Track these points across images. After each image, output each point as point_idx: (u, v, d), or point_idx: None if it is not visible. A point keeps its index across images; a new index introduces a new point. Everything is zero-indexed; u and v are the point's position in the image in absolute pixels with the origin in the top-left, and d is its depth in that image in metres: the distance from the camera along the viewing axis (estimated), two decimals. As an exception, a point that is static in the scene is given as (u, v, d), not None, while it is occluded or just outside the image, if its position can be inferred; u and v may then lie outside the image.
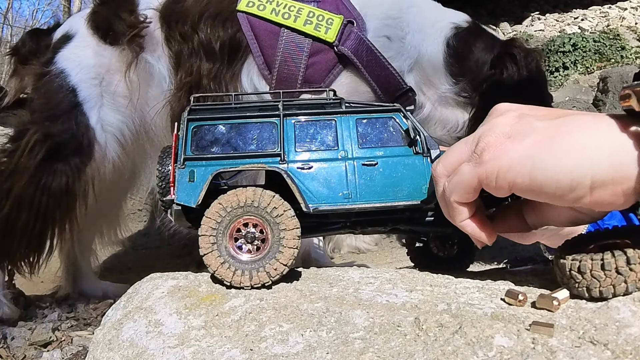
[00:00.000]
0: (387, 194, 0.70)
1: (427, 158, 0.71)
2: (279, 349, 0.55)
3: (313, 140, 0.72)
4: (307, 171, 0.70)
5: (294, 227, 0.67)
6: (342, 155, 0.71)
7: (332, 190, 0.70)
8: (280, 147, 0.70)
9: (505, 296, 0.59)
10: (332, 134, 0.72)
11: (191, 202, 0.68)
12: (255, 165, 0.70)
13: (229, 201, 0.67)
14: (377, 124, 0.73)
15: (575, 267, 0.56)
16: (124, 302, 0.70)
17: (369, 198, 0.70)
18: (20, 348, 1.35)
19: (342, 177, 0.70)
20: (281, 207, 0.67)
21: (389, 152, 0.72)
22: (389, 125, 0.73)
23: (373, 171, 0.70)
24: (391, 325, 0.56)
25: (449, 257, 0.78)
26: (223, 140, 0.72)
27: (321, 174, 0.70)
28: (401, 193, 0.70)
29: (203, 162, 0.70)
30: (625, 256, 0.53)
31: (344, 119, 0.73)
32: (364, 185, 0.70)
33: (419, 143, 0.71)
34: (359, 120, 0.73)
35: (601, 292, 0.54)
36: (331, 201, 0.69)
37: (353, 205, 0.69)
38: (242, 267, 0.67)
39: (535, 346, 0.49)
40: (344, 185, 0.70)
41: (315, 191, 0.70)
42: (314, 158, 0.71)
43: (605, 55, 5.13)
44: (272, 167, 0.69)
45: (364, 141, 0.72)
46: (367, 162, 0.71)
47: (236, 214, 0.67)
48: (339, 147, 0.71)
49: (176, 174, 0.70)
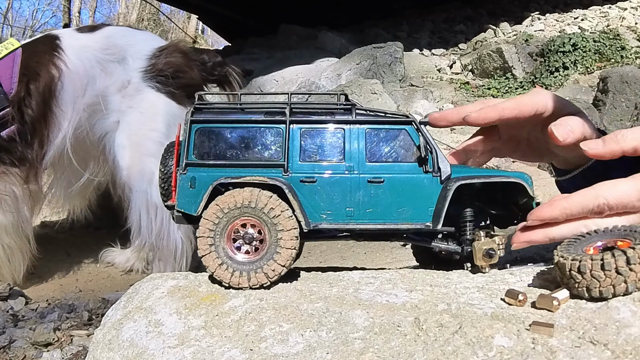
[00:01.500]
0: (391, 214, 0.68)
1: (437, 177, 0.68)
2: (279, 349, 0.55)
3: (319, 150, 0.69)
4: (310, 184, 0.68)
5: (291, 228, 0.66)
6: (349, 170, 0.68)
7: (334, 207, 0.68)
8: (285, 157, 0.68)
9: (506, 296, 0.59)
10: (340, 145, 0.69)
11: (192, 210, 0.68)
12: (257, 177, 0.68)
13: (226, 202, 0.67)
14: (387, 137, 0.70)
15: (575, 267, 0.56)
16: (124, 302, 0.70)
17: (372, 218, 0.68)
18: (21, 348, 1.35)
19: (346, 193, 0.68)
20: (278, 208, 0.66)
21: (397, 168, 0.69)
22: (399, 139, 0.70)
23: (378, 189, 0.68)
24: (391, 325, 0.56)
25: (449, 257, 0.78)
26: (226, 146, 0.70)
27: (325, 188, 0.68)
28: (405, 214, 0.68)
29: (204, 168, 0.69)
30: (625, 256, 0.53)
31: (353, 129, 0.70)
32: (368, 203, 0.68)
33: (430, 161, 0.68)
34: (368, 131, 0.69)
35: (601, 292, 0.54)
36: (332, 219, 0.68)
37: (354, 225, 0.68)
38: (240, 269, 0.66)
39: (535, 346, 0.49)
40: (348, 201, 0.68)
41: (317, 207, 0.68)
42: (318, 171, 0.69)
43: (605, 55, 5.12)
44: (274, 179, 0.67)
45: (372, 155, 0.69)
46: (373, 179, 0.68)
47: (233, 215, 0.67)
48: (346, 160, 0.69)
49: (177, 179, 0.69)
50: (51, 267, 2.17)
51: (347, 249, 2.36)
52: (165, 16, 17.02)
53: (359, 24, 7.02)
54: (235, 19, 8.14)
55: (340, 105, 0.72)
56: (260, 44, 6.72)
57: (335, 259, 2.26)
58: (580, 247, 0.59)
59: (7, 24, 19.00)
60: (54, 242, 2.44)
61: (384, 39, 5.79)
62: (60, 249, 2.38)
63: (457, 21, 6.84)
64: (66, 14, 11.92)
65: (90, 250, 2.35)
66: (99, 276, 2.18)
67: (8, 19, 19.13)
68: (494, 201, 0.73)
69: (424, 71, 5.21)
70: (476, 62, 5.22)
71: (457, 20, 6.87)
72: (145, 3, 16.17)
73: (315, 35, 6.21)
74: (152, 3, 15.51)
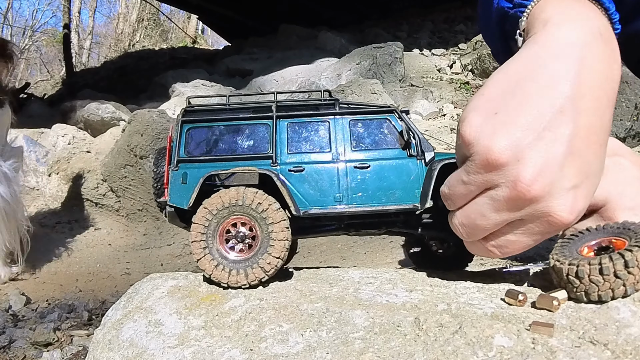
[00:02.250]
0: (379, 198, 0.70)
1: (420, 161, 0.71)
2: (279, 349, 0.55)
3: (306, 141, 0.72)
4: (298, 173, 0.70)
5: (281, 220, 0.67)
6: (335, 157, 0.71)
7: (323, 193, 0.70)
8: (272, 149, 0.71)
9: (505, 296, 0.59)
10: (325, 136, 0.72)
11: (183, 204, 0.69)
12: (247, 168, 0.70)
13: (214, 204, 0.68)
14: (371, 126, 0.72)
15: (572, 272, 0.55)
16: (124, 302, 0.70)
17: (361, 201, 0.70)
18: (21, 348, 1.35)
19: (333, 180, 0.70)
20: (265, 202, 0.67)
21: (382, 154, 0.71)
22: (383, 127, 0.72)
23: (365, 174, 0.70)
24: (391, 325, 0.56)
25: (448, 256, 0.78)
26: (216, 142, 0.72)
27: (313, 176, 0.70)
28: (393, 197, 0.70)
29: (196, 164, 0.71)
30: (623, 260, 0.53)
31: (337, 120, 0.72)
32: (356, 188, 0.70)
33: (413, 146, 0.71)
34: (352, 121, 0.72)
35: (600, 296, 0.54)
36: (322, 204, 0.70)
37: (344, 209, 0.69)
38: (236, 267, 0.67)
39: (535, 346, 0.49)
40: (336, 187, 0.70)
41: (306, 194, 0.70)
42: (306, 160, 0.71)
43: (606, 55, 5.11)
44: (263, 170, 0.69)
45: (357, 143, 0.71)
46: (359, 165, 0.70)
47: (222, 216, 0.68)
48: (332, 149, 0.71)
49: (169, 176, 0.71)
50: (51, 267, 2.17)
51: (347, 249, 2.36)
52: (165, 16, 17.04)
53: (359, 24, 7.02)
54: (235, 19, 8.15)
55: (324, 100, 0.76)
56: (260, 44, 6.72)
57: (335, 259, 2.26)
58: (575, 248, 0.59)
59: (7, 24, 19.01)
60: (54, 242, 2.45)
61: (384, 39, 5.79)
62: (61, 249, 2.38)
63: (457, 21, 6.84)
64: (66, 14, 11.91)
65: (90, 250, 2.35)
66: (99, 276, 2.18)
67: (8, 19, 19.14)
68: None
69: (424, 71, 5.22)
70: (476, 62, 5.22)
71: (457, 20, 6.88)
72: (145, 3, 16.18)
73: (315, 35, 6.21)
74: (152, 3, 15.53)
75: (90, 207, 2.90)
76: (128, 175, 3.04)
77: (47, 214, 2.70)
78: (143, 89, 6.54)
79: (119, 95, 5.70)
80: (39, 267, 2.11)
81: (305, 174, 0.70)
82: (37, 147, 3.16)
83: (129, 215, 3.01)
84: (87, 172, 3.02)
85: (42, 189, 2.94)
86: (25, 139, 3.10)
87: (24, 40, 18.66)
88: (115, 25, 18.86)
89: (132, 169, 3.06)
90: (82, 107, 4.12)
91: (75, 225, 2.46)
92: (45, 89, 11.44)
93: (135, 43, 16.01)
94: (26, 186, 2.86)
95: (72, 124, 3.86)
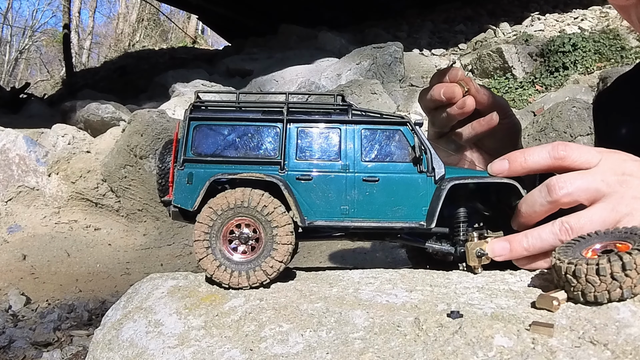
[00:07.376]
0: (385, 213, 0.69)
1: (431, 177, 0.69)
2: (279, 349, 0.55)
3: (315, 148, 0.70)
4: (306, 182, 0.69)
5: (285, 224, 0.67)
6: (344, 168, 0.69)
7: (330, 205, 0.69)
8: (281, 155, 0.69)
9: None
10: (336, 144, 0.70)
11: (188, 206, 0.69)
12: (254, 174, 0.68)
13: (219, 204, 0.67)
14: (382, 137, 0.70)
15: (570, 270, 0.55)
16: (124, 302, 0.70)
17: (367, 216, 0.68)
18: (21, 348, 1.35)
19: (341, 191, 0.69)
20: (271, 205, 0.67)
21: (391, 168, 0.69)
22: (395, 138, 0.70)
23: (373, 188, 0.69)
24: (391, 325, 0.56)
25: (445, 259, 0.78)
26: (224, 143, 0.71)
27: (320, 186, 0.69)
28: (399, 213, 0.69)
29: (202, 164, 0.70)
30: (621, 261, 0.52)
31: (349, 128, 0.70)
32: (363, 202, 0.69)
33: (424, 161, 0.69)
34: (364, 131, 0.70)
35: (596, 297, 0.54)
36: (328, 217, 0.68)
37: (349, 223, 0.68)
38: (238, 268, 0.67)
39: (535, 346, 0.49)
40: (343, 199, 0.68)
41: (312, 204, 0.68)
42: (314, 168, 0.69)
43: (605, 55, 5.13)
44: (270, 177, 0.68)
45: (367, 154, 0.70)
46: (368, 178, 0.69)
47: (227, 216, 0.67)
48: (342, 159, 0.69)
49: (175, 175, 0.70)
50: (51, 267, 2.17)
51: (347, 249, 2.36)
52: (165, 16, 17.04)
53: (359, 24, 7.03)
54: (235, 19, 8.15)
55: (337, 106, 0.73)
56: (260, 44, 6.72)
57: (335, 259, 2.27)
58: (579, 250, 0.58)
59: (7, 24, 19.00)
60: (54, 242, 2.44)
61: (384, 39, 5.79)
62: (60, 249, 2.38)
63: (457, 21, 6.84)
64: (66, 14, 11.92)
65: (90, 250, 2.35)
66: (99, 276, 2.18)
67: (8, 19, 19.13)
68: (488, 202, 0.74)
69: (424, 71, 5.22)
70: (476, 62, 5.22)
71: (457, 20, 6.88)
72: (145, 3, 16.17)
73: (315, 35, 6.21)
74: (152, 3, 15.52)
75: (90, 207, 2.90)
76: (128, 175, 3.04)
77: (47, 214, 2.70)
78: (143, 89, 6.54)
79: (119, 95, 5.70)
80: (39, 267, 2.11)
81: (313, 183, 0.69)
82: (37, 147, 3.16)
83: (129, 215, 3.01)
84: (87, 172, 3.02)
85: (42, 189, 2.94)
86: (25, 139, 3.10)
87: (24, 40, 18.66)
88: (115, 25, 18.85)
89: (132, 169, 3.06)
90: (82, 107, 4.12)
91: (75, 225, 2.46)
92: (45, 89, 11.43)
93: (135, 43, 16.00)
94: (26, 186, 2.86)
95: (72, 124, 3.86)
